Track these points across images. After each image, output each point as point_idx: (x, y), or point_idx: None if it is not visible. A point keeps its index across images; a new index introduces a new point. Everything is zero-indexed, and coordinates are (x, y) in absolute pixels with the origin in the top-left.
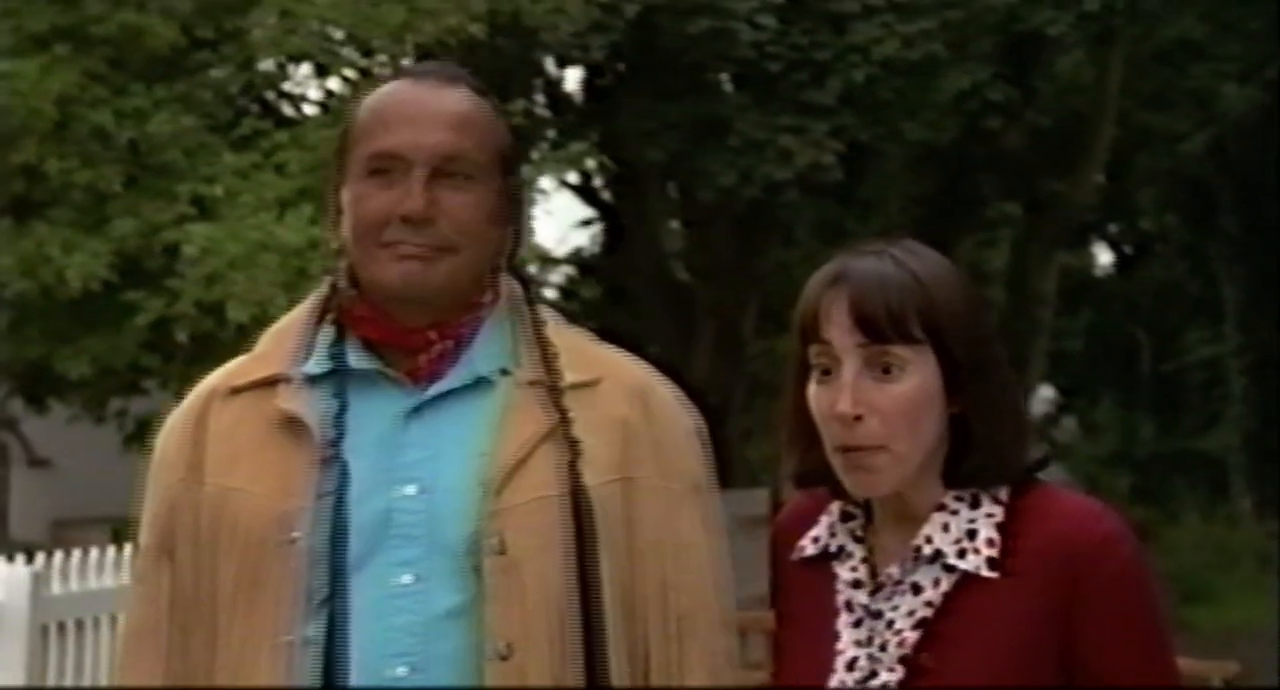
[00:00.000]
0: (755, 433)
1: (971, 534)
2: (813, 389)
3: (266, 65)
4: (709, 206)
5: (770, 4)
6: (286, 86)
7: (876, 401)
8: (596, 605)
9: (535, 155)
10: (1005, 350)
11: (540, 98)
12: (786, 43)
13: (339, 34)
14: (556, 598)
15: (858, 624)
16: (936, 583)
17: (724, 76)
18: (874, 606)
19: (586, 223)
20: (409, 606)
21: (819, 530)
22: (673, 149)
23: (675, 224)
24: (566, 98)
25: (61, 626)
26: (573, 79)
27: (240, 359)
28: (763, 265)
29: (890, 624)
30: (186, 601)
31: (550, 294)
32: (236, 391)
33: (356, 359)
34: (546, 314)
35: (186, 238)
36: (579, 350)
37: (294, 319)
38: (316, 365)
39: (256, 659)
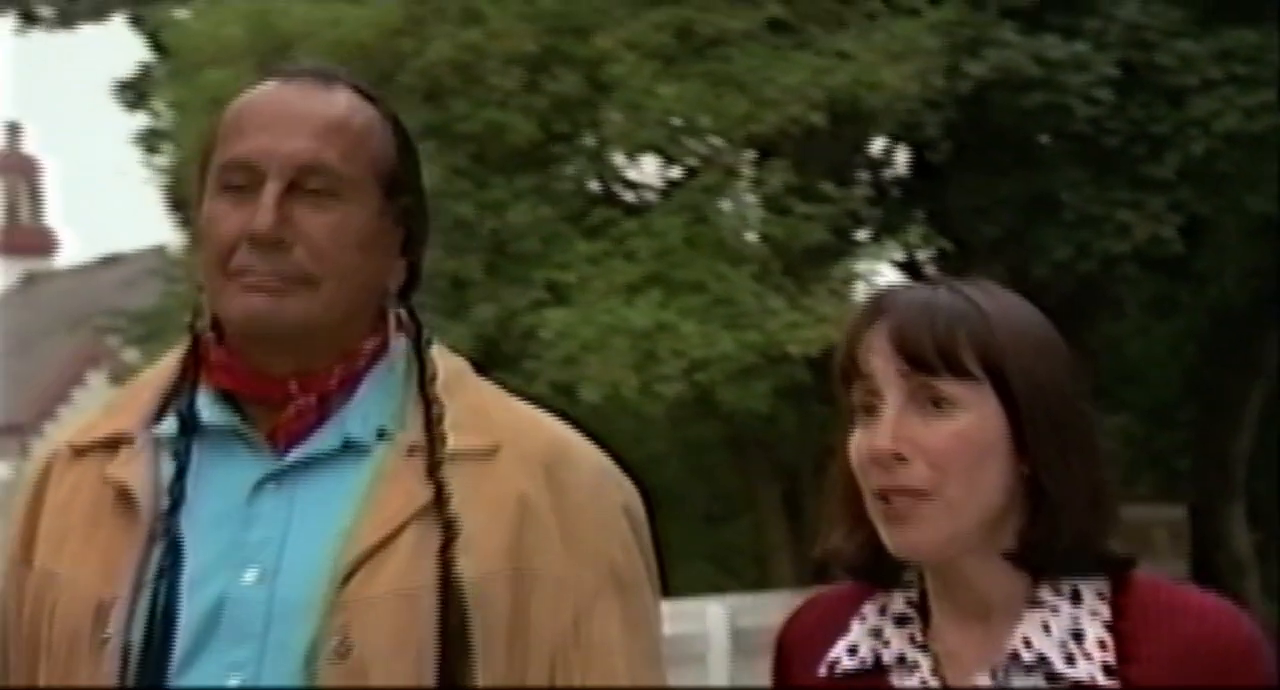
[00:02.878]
0: None
1: (1078, 636)
2: (855, 436)
3: (616, 157)
4: (1038, 281)
5: (1107, 78)
6: (633, 176)
7: (922, 439)
8: None
9: (861, 235)
10: (1094, 415)
11: (864, 175)
12: (1123, 117)
13: (682, 123)
14: None
15: None
16: None
17: (1057, 150)
18: None
19: None
20: None
21: (855, 636)
22: (1005, 224)
23: None
24: (893, 177)
25: None
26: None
27: (90, 414)
28: (1092, 339)
29: None
30: None
31: None
32: (80, 453)
33: (210, 414)
34: (448, 364)
35: (542, 322)
36: (477, 410)
37: (160, 368)
38: (168, 423)
39: None
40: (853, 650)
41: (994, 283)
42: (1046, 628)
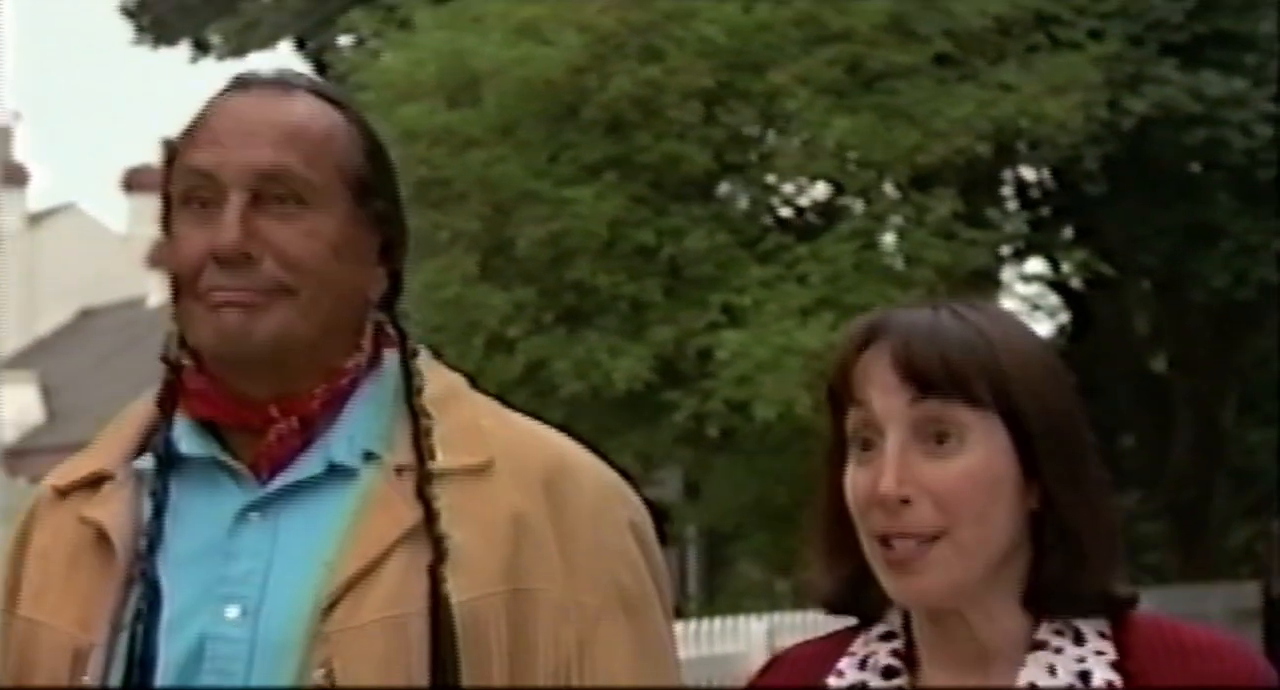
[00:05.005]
0: (1234, 524)
1: (1085, 676)
2: (850, 471)
3: (787, 186)
4: (1192, 305)
5: (1264, 114)
6: (804, 203)
7: (929, 478)
8: None
9: (1006, 250)
10: (1094, 440)
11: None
12: (1279, 150)
13: (852, 154)
14: None
15: None
16: None
17: (1214, 182)
18: None
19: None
20: None
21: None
22: (1163, 253)
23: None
24: (1050, 205)
25: None
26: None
27: (77, 454)
28: (1242, 358)
29: None
30: None
31: None
32: (63, 494)
33: (189, 445)
34: (440, 379)
35: (718, 343)
36: (470, 425)
37: (143, 402)
38: (147, 458)
39: None
40: None
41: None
42: (1052, 670)
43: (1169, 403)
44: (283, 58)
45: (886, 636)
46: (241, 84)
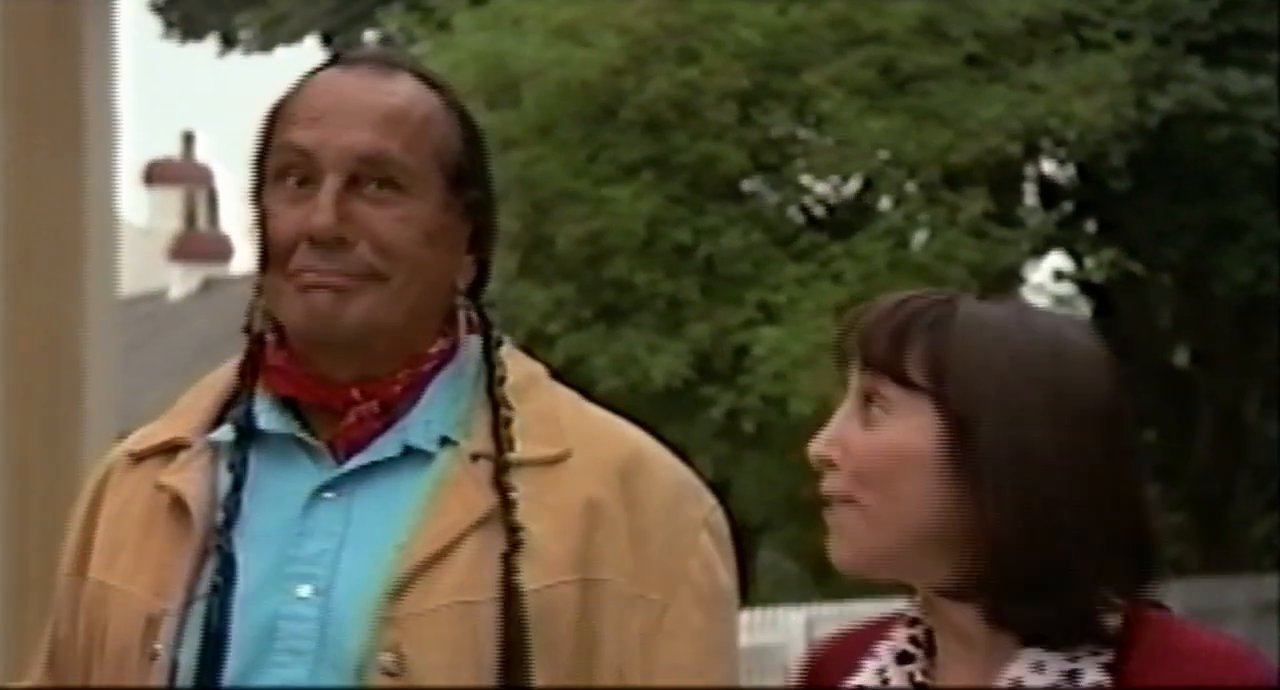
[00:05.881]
0: (1256, 518)
1: (1073, 675)
2: None
3: (821, 186)
4: (1216, 299)
5: None
6: (837, 202)
7: (852, 445)
8: None
9: (1026, 246)
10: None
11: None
12: None
13: (885, 155)
14: None
15: None
16: None
17: (1238, 179)
18: None
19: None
20: None
21: (865, 676)
22: (1188, 248)
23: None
24: (1075, 202)
25: None
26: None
27: (158, 421)
28: (1264, 351)
29: None
30: None
31: None
32: (137, 459)
33: (268, 420)
34: (520, 368)
35: (755, 340)
36: (548, 415)
37: (222, 371)
38: (225, 430)
39: None
40: None
41: (1025, 303)
42: (1040, 667)
43: (1191, 397)
44: (308, 53)
45: (913, 622)
46: (344, 61)
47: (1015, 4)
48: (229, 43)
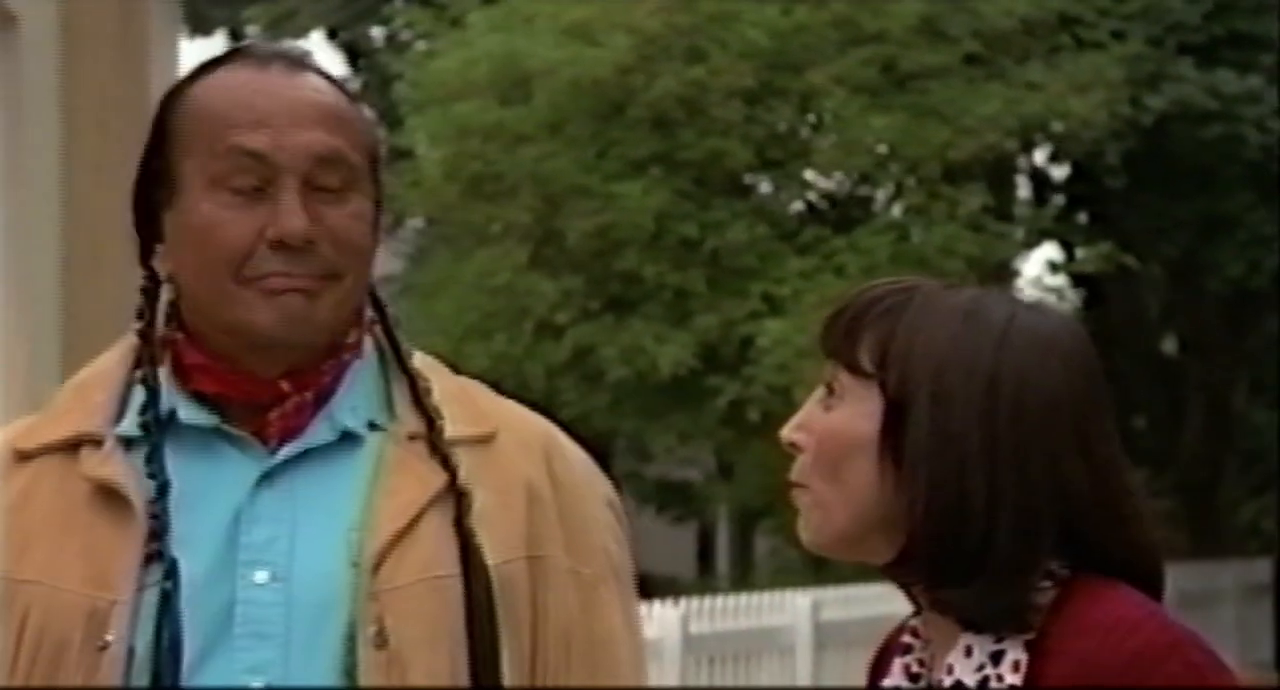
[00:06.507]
0: (1243, 503)
1: (996, 657)
2: None
3: (824, 182)
4: (1206, 293)
5: (1278, 110)
6: (839, 197)
7: (813, 430)
8: None
9: (1020, 238)
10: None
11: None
12: None
13: (886, 151)
14: None
15: None
16: None
17: (1230, 176)
18: None
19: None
20: None
21: (896, 667)
22: (1181, 243)
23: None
24: (1068, 196)
25: None
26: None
27: (27, 419)
28: (1252, 341)
29: None
30: None
31: None
32: (25, 457)
33: (188, 414)
34: (416, 353)
35: (760, 331)
36: (461, 396)
37: (101, 370)
38: (134, 424)
39: None
40: (905, 668)
41: (1008, 296)
42: (969, 651)
43: (1180, 385)
44: (315, 47)
45: (917, 610)
46: (250, 58)
47: (1012, 4)
48: (237, 38)
